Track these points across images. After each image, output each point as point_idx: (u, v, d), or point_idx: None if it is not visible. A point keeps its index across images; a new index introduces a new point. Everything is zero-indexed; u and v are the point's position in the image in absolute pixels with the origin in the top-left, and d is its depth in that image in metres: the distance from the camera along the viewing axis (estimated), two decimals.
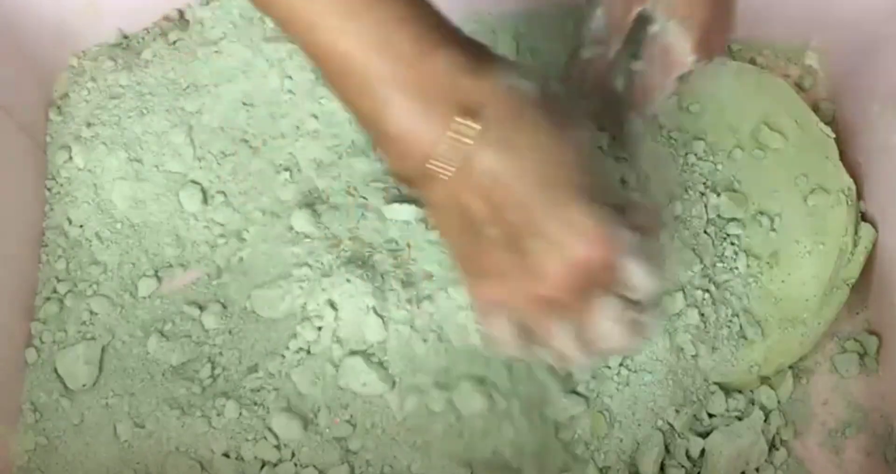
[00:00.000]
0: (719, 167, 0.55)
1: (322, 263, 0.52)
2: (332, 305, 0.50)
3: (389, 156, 0.39)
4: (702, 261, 0.52)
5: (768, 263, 0.53)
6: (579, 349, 0.40)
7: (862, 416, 0.53)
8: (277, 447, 0.49)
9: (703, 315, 0.51)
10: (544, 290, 0.38)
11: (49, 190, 0.58)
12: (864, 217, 0.56)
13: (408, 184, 0.40)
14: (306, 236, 0.53)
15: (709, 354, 0.51)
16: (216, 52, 0.58)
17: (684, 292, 0.51)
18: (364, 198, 0.53)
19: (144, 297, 0.55)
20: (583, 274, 0.38)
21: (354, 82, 0.37)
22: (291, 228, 0.54)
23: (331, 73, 0.37)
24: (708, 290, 0.52)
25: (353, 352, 0.50)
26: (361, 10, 0.36)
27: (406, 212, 0.51)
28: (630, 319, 0.40)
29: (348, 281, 0.50)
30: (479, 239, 0.39)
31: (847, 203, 0.55)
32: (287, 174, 0.55)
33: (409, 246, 0.51)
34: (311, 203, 0.54)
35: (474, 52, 0.38)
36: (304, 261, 0.52)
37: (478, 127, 0.36)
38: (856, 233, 0.55)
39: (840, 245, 0.54)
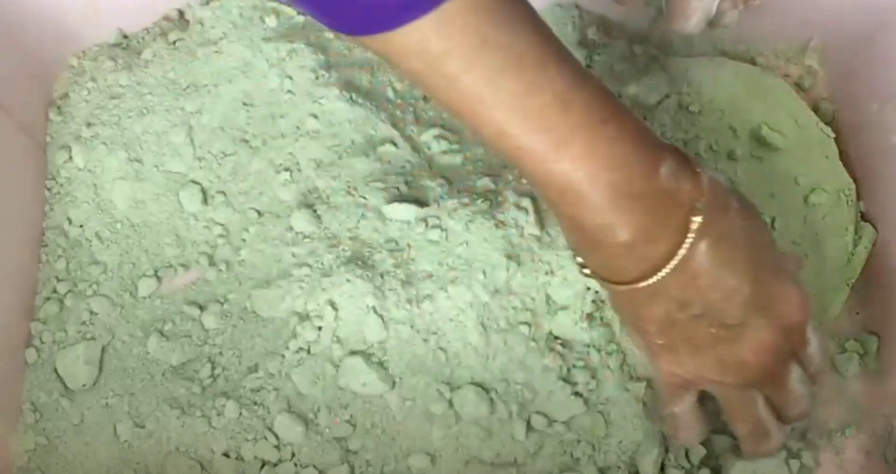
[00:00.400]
0: (719, 167, 0.55)
1: (322, 263, 0.52)
2: (332, 305, 0.50)
3: (612, 263, 0.40)
4: None
5: None
6: (773, 419, 0.44)
7: (862, 416, 0.53)
8: (277, 447, 0.49)
9: None
10: (754, 357, 0.41)
11: (49, 190, 0.58)
12: (863, 217, 0.56)
13: (613, 283, 0.41)
14: (306, 236, 0.53)
15: None
16: (216, 52, 0.58)
17: None
18: (364, 198, 0.53)
19: (144, 297, 0.55)
20: (787, 338, 0.42)
21: (580, 196, 0.38)
22: (291, 228, 0.54)
23: (552, 188, 0.38)
24: None
25: (353, 352, 0.50)
26: (596, 130, 0.37)
27: (406, 212, 0.51)
28: (808, 384, 0.43)
29: (348, 281, 0.50)
30: (680, 320, 0.41)
31: (847, 203, 0.55)
32: (287, 174, 0.55)
33: (409, 246, 0.51)
34: (311, 203, 0.54)
35: (680, 154, 0.40)
36: (304, 261, 0.52)
37: (699, 221, 0.38)
38: (856, 232, 0.55)
39: (840, 245, 0.54)
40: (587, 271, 0.42)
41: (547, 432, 0.49)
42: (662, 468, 0.49)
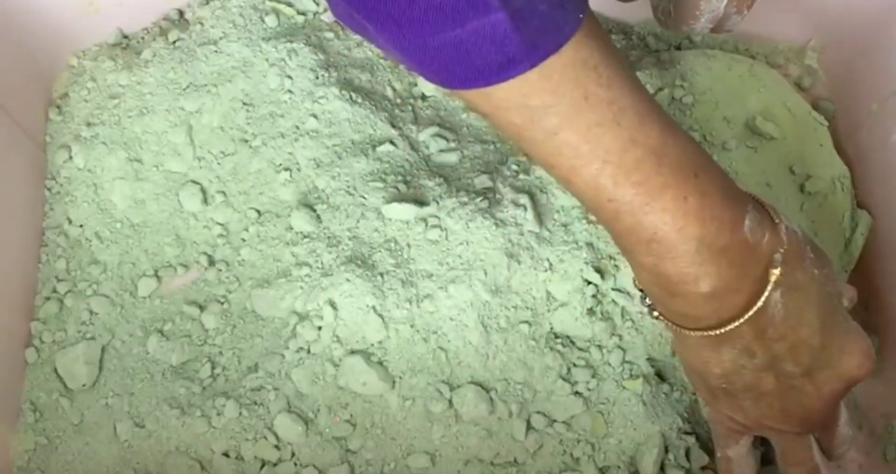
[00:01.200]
0: (714, 158, 0.55)
1: (322, 263, 0.52)
2: (332, 305, 0.50)
3: (689, 311, 0.40)
4: None
5: None
6: (825, 460, 0.45)
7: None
8: (277, 447, 0.49)
9: None
10: (817, 406, 0.42)
11: (49, 190, 0.58)
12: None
13: (684, 329, 0.41)
14: (306, 236, 0.53)
15: None
16: (216, 51, 0.58)
17: None
18: (364, 197, 0.53)
19: (144, 297, 0.55)
20: (848, 388, 0.42)
21: (667, 248, 0.38)
22: (291, 228, 0.54)
23: (639, 239, 0.38)
24: None
25: (353, 352, 0.50)
26: (687, 182, 0.37)
27: (405, 211, 0.51)
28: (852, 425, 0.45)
29: (348, 280, 0.50)
30: (747, 367, 0.41)
31: (843, 189, 0.55)
32: (287, 174, 0.55)
33: (408, 245, 0.51)
34: (311, 203, 0.54)
35: (760, 204, 0.40)
36: (304, 261, 0.52)
37: (778, 273, 0.39)
38: (852, 219, 0.55)
39: (837, 231, 0.54)
40: (656, 314, 0.42)
41: (547, 432, 0.49)
42: (662, 468, 0.49)
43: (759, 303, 0.39)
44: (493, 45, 0.32)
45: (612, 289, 0.50)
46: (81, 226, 0.57)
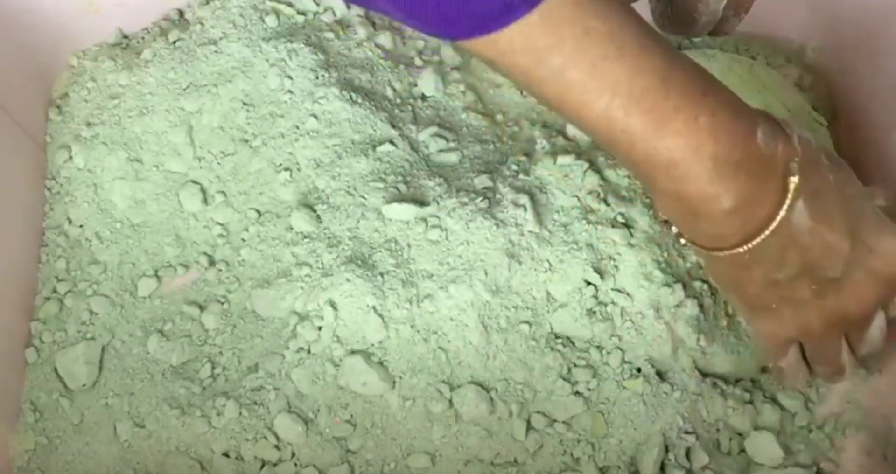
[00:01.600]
0: None
1: (322, 263, 0.52)
2: (333, 305, 0.50)
3: (714, 230, 0.41)
4: None
5: None
6: (852, 358, 0.46)
7: (862, 416, 0.53)
8: (277, 447, 0.49)
9: (702, 306, 0.51)
10: (856, 309, 0.43)
11: (49, 190, 0.58)
12: None
13: (713, 250, 0.42)
14: (306, 236, 0.53)
15: (708, 345, 0.51)
16: (216, 51, 0.58)
17: (684, 283, 0.51)
18: (364, 197, 0.53)
19: (144, 297, 0.55)
20: (886, 287, 0.43)
21: (685, 170, 0.38)
22: (291, 228, 0.54)
23: (656, 166, 0.38)
24: (707, 281, 0.51)
25: (353, 352, 0.50)
26: (698, 103, 0.38)
27: (405, 211, 0.51)
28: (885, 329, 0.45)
29: (348, 281, 0.50)
30: (780, 280, 0.42)
31: None
32: (287, 174, 0.55)
33: (409, 245, 0.51)
34: (311, 203, 0.54)
35: (770, 117, 0.41)
36: (304, 261, 0.52)
37: (796, 181, 0.39)
38: None
39: None
40: (684, 240, 0.43)
41: (547, 432, 0.49)
42: (662, 468, 0.49)
43: (782, 213, 0.39)
44: None
45: (612, 290, 0.50)
46: (81, 226, 0.57)
